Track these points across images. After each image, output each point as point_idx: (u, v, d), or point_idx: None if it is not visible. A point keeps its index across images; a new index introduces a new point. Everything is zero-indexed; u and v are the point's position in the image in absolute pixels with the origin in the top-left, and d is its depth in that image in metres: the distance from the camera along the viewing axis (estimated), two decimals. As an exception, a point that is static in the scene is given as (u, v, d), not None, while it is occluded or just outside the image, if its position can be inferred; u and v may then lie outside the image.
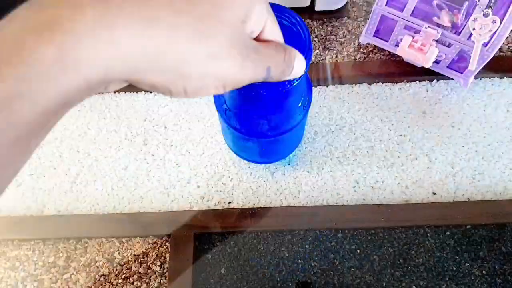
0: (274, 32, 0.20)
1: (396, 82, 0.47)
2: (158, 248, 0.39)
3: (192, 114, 0.46)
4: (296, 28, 0.27)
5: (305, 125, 0.39)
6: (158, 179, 0.42)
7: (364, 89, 0.46)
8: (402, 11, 0.43)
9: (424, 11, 0.43)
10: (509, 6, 0.39)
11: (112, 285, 0.38)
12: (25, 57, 0.13)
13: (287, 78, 0.22)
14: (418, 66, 0.45)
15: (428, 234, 0.38)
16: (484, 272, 0.37)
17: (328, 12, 0.52)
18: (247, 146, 0.37)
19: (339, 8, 0.51)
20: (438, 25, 0.42)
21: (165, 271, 0.38)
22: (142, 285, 0.38)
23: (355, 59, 0.49)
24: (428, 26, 0.42)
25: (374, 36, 0.47)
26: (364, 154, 0.43)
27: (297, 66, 0.22)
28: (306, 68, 0.24)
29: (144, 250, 0.39)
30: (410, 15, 0.43)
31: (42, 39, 0.13)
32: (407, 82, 0.47)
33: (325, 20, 0.52)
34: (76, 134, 0.45)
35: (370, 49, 0.49)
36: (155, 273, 0.38)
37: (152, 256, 0.39)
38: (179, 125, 0.45)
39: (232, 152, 0.41)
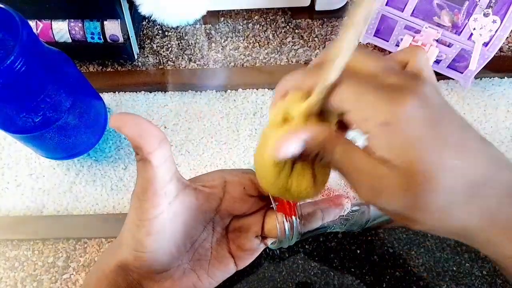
0: None
1: (396, 82, 0.46)
2: (158, 248, 0.39)
3: (192, 114, 0.45)
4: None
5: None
6: (158, 179, 0.42)
7: (364, 89, 0.46)
8: (403, 11, 0.43)
9: (424, 11, 0.43)
10: (509, 6, 0.39)
11: (112, 285, 0.38)
12: None
13: None
14: (418, 66, 0.45)
15: (429, 235, 0.38)
16: (484, 272, 0.37)
17: (329, 12, 0.51)
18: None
19: (339, 8, 0.51)
20: (439, 25, 0.42)
21: (165, 271, 0.38)
22: (142, 285, 0.38)
23: (355, 59, 0.48)
24: (429, 26, 0.42)
25: (374, 36, 0.47)
26: (364, 154, 0.42)
27: None
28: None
29: (144, 250, 0.39)
30: (411, 15, 0.43)
31: None
32: (407, 82, 0.46)
33: (325, 19, 0.51)
34: (75, 134, 0.44)
35: (370, 48, 0.49)
36: (155, 274, 0.38)
37: (152, 256, 0.39)
38: (179, 125, 0.45)
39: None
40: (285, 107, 0.23)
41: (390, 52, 0.48)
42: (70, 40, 0.46)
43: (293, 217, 0.30)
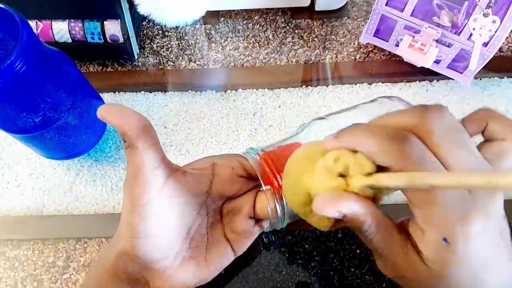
0: None
1: (396, 82, 0.47)
2: (158, 248, 0.39)
3: (192, 114, 0.45)
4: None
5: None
6: (157, 179, 0.42)
7: (364, 89, 0.46)
8: (402, 11, 0.43)
9: (424, 11, 0.43)
10: (509, 6, 0.39)
11: (112, 285, 0.38)
12: None
13: None
14: (418, 66, 0.45)
15: (428, 234, 0.38)
16: (484, 272, 0.37)
17: (328, 12, 0.51)
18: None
19: (339, 8, 0.52)
20: (438, 25, 0.42)
21: (165, 271, 0.38)
22: (142, 285, 0.38)
23: (355, 59, 0.49)
24: (428, 26, 0.42)
25: (374, 36, 0.47)
26: (364, 154, 0.42)
27: None
28: None
29: (144, 250, 0.39)
30: (410, 15, 0.43)
31: None
32: (407, 82, 0.47)
33: (325, 20, 0.52)
34: (75, 134, 0.44)
35: (370, 49, 0.49)
36: (155, 273, 0.38)
37: (152, 256, 0.39)
38: (179, 125, 0.45)
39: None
40: (347, 165, 0.22)
41: (390, 52, 0.48)
42: (70, 40, 0.46)
43: (283, 196, 0.30)
